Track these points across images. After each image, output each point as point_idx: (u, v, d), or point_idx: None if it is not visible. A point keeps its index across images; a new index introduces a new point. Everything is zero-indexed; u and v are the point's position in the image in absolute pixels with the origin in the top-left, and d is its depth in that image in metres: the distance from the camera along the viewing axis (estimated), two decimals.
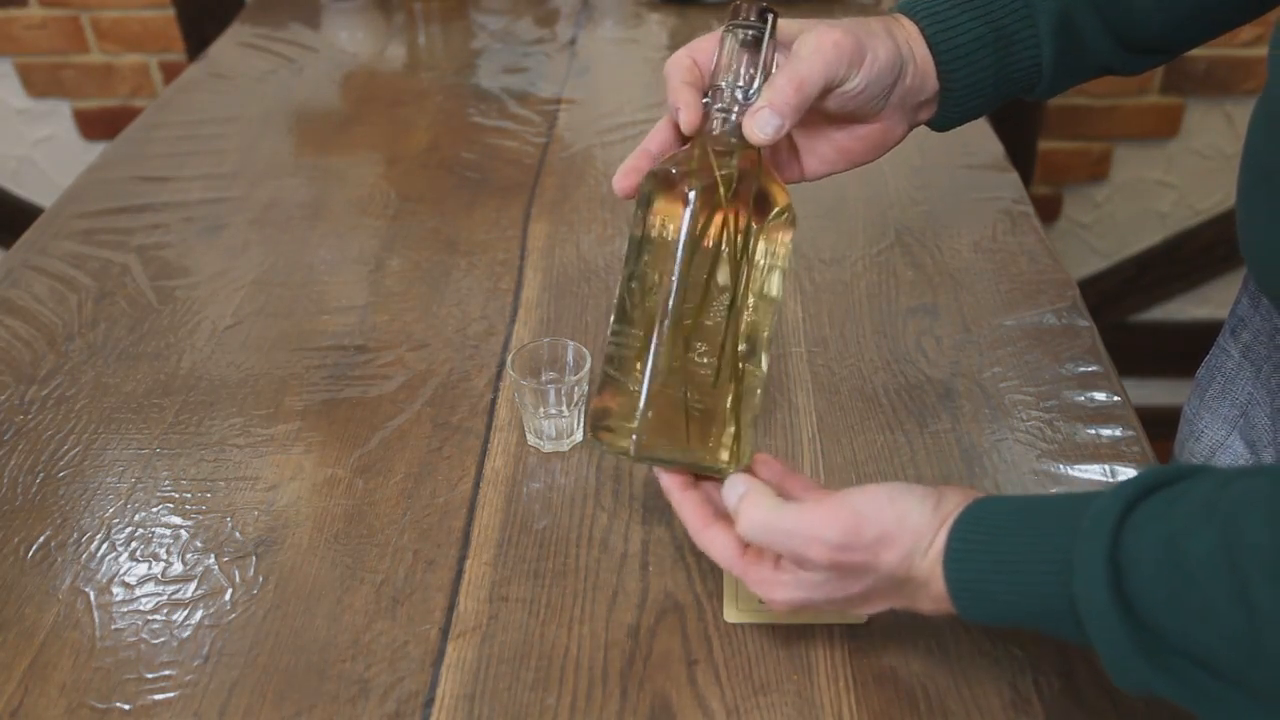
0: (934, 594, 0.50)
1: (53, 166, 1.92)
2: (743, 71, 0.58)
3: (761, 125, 0.56)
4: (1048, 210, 1.85)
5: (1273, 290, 0.62)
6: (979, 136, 1.11)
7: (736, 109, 0.58)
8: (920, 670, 0.58)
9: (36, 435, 0.76)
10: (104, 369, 0.82)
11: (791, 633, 0.60)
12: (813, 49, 0.57)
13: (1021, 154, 1.75)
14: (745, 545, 0.55)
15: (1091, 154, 1.80)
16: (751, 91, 0.58)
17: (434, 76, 1.29)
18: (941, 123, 0.66)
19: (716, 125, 0.59)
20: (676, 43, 1.34)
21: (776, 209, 0.58)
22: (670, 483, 0.58)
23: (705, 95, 0.59)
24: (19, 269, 0.94)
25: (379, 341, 0.84)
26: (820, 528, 0.50)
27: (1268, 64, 0.58)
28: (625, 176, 0.61)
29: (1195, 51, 1.72)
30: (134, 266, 0.94)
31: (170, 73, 1.80)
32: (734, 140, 0.58)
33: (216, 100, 1.24)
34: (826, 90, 0.58)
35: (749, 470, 0.58)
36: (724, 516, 0.56)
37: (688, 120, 0.59)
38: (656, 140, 0.62)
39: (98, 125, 1.88)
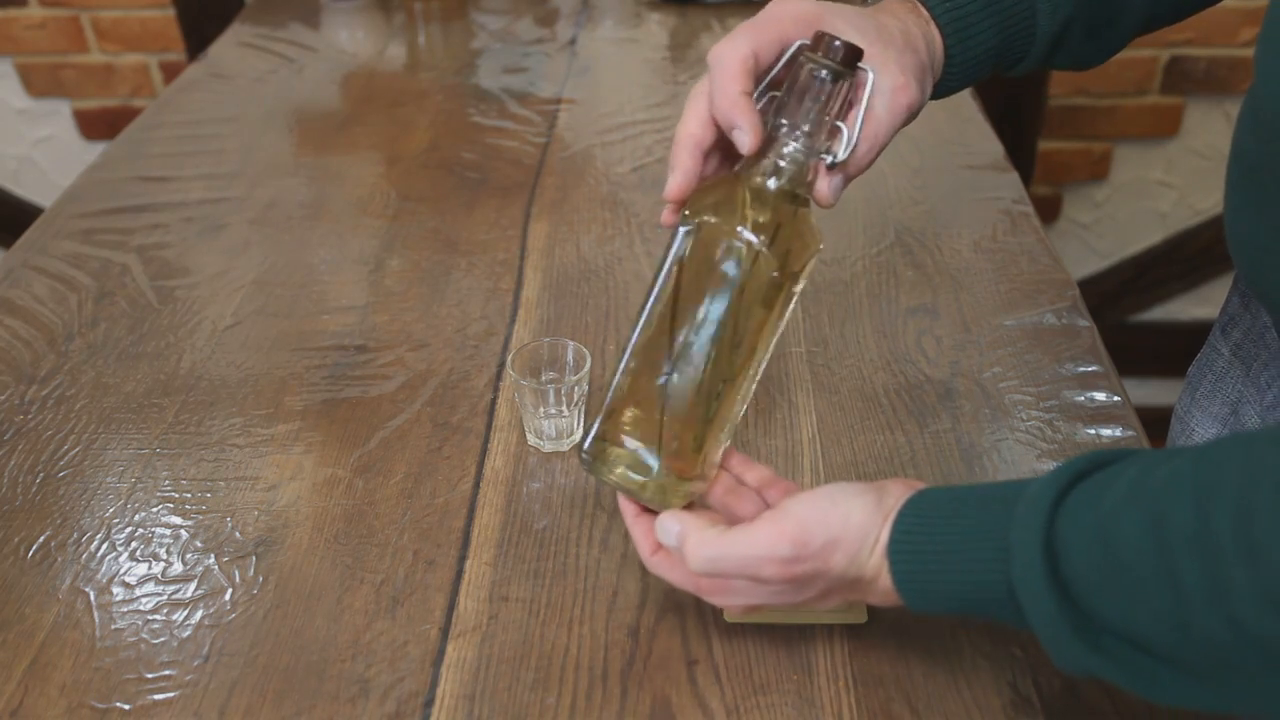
0: (883, 588, 0.51)
1: (53, 166, 1.92)
2: (810, 114, 0.54)
3: (835, 190, 0.58)
4: (1048, 210, 1.85)
5: (1259, 286, 0.63)
6: (979, 136, 1.11)
7: (789, 152, 0.55)
8: (920, 670, 0.58)
9: (36, 435, 0.76)
10: (104, 369, 0.82)
11: (791, 633, 0.60)
12: (888, 108, 0.56)
13: (1021, 154, 1.75)
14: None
15: (1091, 154, 1.80)
16: (811, 137, 0.54)
17: (434, 76, 1.29)
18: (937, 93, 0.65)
19: (769, 167, 0.55)
20: (676, 43, 1.35)
21: (809, 252, 0.57)
22: (626, 507, 0.58)
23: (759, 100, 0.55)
24: (19, 269, 0.94)
25: (379, 341, 0.84)
26: (769, 546, 0.51)
27: (1254, 62, 0.59)
28: (673, 213, 0.58)
29: (1195, 51, 1.73)
30: (134, 266, 0.94)
31: (170, 73, 1.80)
32: (780, 183, 0.55)
33: (216, 100, 1.24)
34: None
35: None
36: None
37: (750, 142, 0.55)
38: (693, 155, 0.57)
39: (98, 125, 1.88)
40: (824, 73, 0.54)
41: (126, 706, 0.57)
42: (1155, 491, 0.42)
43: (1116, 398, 0.76)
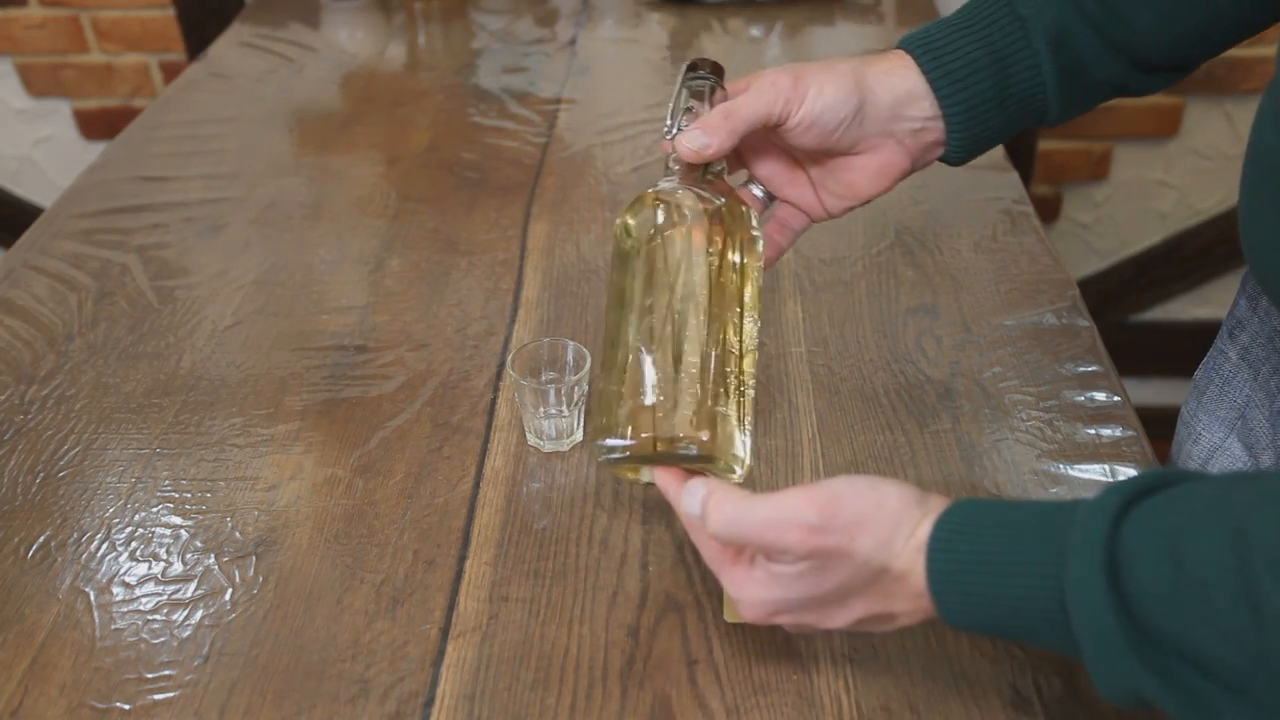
0: (913, 589, 0.48)
1: (53, 166, 1.92)
2: (692, 110, 0.65)
3: (689, 140, 0.62)
4: (1048, 210, 1.85)
5: (1275, 289, 0.62)
6: None
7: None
8: (920, 670, 0.58)
9: (36, 435, 0.76)
10: (104, 369, 0.82)
11: (792, 633, 0.60)
12: (752, 87, 0.63)
13: (1021, 154, 1.74)
14: (727, 549, 0.53)
15: (1091, 154, 1.80)
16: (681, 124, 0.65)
17: (434, 76, 1.29)
18: (953, 154, 0.66)
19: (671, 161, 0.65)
20: (677, 43, 1.35)
21: (741, 214, 0.63)
22: (666, 479, 0.56)
23: (670, 128, 0.65)
24: (19, 269, 0.94)
25: (379, 341, 0.84)
26: (796, 510, 0.49)
27: (1277, 58, 0.58)
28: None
29: None
30: (134, 266, 0.94)
31: (170, 73, 1.80)
32: (713, 169, 0.65)
33: (216, 100, 1.24)
34: (771, 124, 0.62)
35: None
36: None
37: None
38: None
39: (98, 125, 1.88)
40: (692, 84, 0.66)
41: (126, 706, 0.57)
42: (1239, 507, 0.40)
43: (1116, 398, 0.76)
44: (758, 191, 0.69)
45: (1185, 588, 0.40)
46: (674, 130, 0.64)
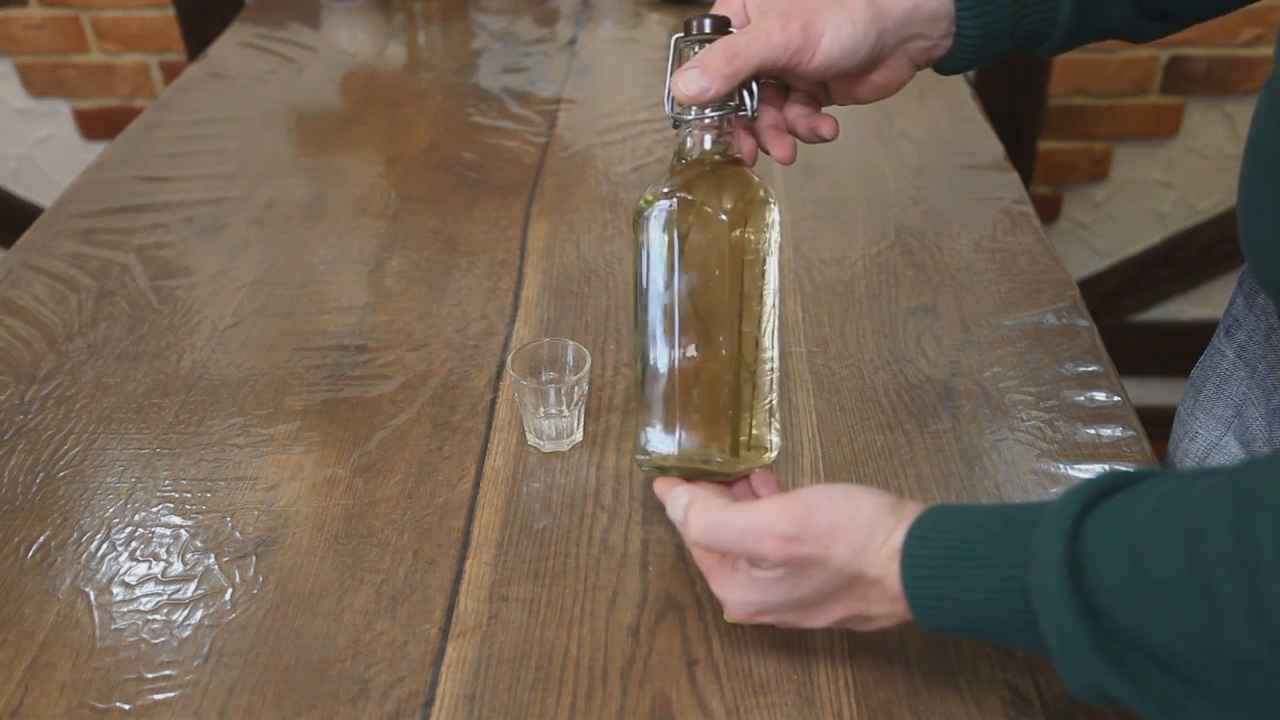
0: (889, 593, 0.50)
1: (53, 166, 1.92)
2: None
3: (686, 83, 0.58)
4: (1048, 210, 1.85)
5: (1273, 284, 0.62)
6: (979, 136, 1.11)
7: (695, 116, 0.61)
8: (920, 670, 0.58)
9: (36, 435, 0.76)
10: (104, 369, 0.82)
11: (791, 633, 0.60)
12: (756, 27, 0.58)
13: (1021, 154, 1.75)
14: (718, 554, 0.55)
15: (1091, 154, 1.80)
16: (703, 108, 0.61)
17: (434, 76, 1.29)
18: (948, 67, 0.64)
19: (690, 142, 0.62)
20: None
21: (755, 201, 0.62)
22: (662, 486, 0.59)
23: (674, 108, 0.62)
24: (19, 269, 0.94)
25: (379, 341, 0.84)
26: (771, 520, 0.50)
27: (1276, 54, 0.58)
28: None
29: (1195, 51, 1.73)
30: (134, 266, 0.94)
31: (170, 73, 1.80)
32: (705, 150, 0.62)
33: (216, 100, 1.24)
34: (776, 70, 0.59)
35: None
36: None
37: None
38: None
39: (98, 125, 1.88)
40: (696, 47, 0.60)
41: (126, 706, 0.57)
42: (1192, 505, 0.40)
43: (1116, 398, 0.76)
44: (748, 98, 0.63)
45: (1143, 584, 0.41)
46: (671, 111, 0.61)
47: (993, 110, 1.25)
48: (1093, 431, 0.73)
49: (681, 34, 0.61)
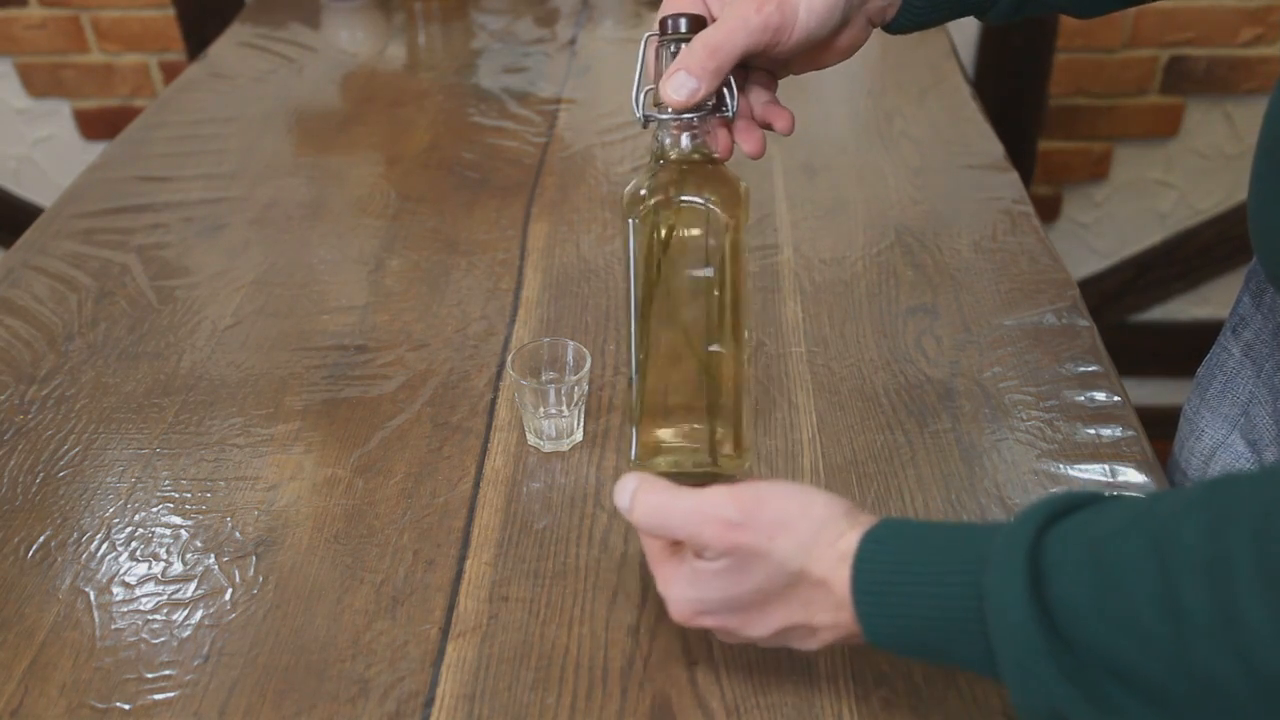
0: (833, 598, 0.47)
1: (53, 166, 1.92)
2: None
3: (676, 87, 0.57)
4: (1048, 210, 1.85)
5: None
6: (979, 137, 1.11)
7: (669, 117, 0.60)
8: (920, 670, 0.58)
9: (36, 435, 0.76)
10: (104, 369, 0.82)
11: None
12: (731, 16, 0.57)
13: (1021, 154, 1.75)
14: (665, 549, 0.53)
15: (1091, 154, 1.80)
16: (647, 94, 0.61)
17: (434, 76, 1.29)
18: (897, 27, 0.64)
19: (668, 142, 0.61)
20: None
21: (737, 196, 0.61)
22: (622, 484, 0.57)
23: (644, 108, 0.61)
24: (19, 269, 0.94)
25: (379, 341, 0.84)
26: (716, 506, 0.49)
27: None
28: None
29: (1195, 51, 1.73)
30: (134, 266, 0.94)
31: (170, 73, 1.80)
32: (683, 150, 0.61)
33: (216, 100, 1.24)
34: (755, 54, 0.59)
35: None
36: None
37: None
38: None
39: (98, 125, 1.88)
40: (673, 48, 0.59)
41: (126, 706, 0.57)
42: (1163, 515, 0.39)
43: (1116, 398, 0.76)
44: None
45: (1107, 595, 0.39)
46: (641, 112, 0.60)
47: (993, 110, 1.25)
48: (1093, 431, 0.73)
49: (656, 33, 0.60)
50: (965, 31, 1.70)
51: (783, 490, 0.49)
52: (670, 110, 0.59)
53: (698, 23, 0.59)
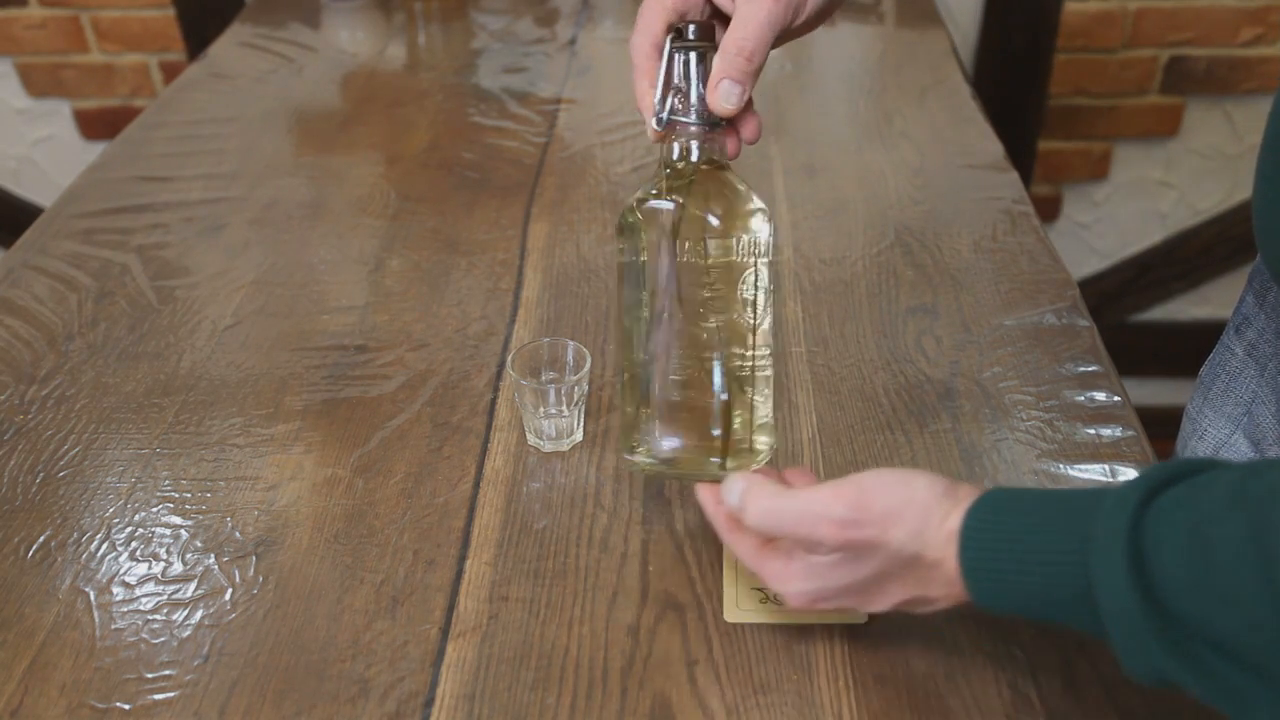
0: (946, 576, 0.50)
1: (53, 166, 1.92)
2: (683, 87, 0.60)
3: (725, 96, 0.59)
4: (1048, 210, 1.85)
5: None
6: (979, 136, 1.11)
7: (692, 125, 0.61)
8: (920, 670, 0.58)
9: (36, 435, 0.76)
10: (104, 369, 0.82)
11: (791, 633, 0.60)
12: (750, 14, 0.58)
13: (1021, 154, 1.75)
14: (765, 541, 0.55)
15: (1091, 154, 1.80)
16: (700, 115, 0.61)
17: (434, 76, 1.29)
18: None
19: (676, 149, 0.62)
20: None
21: (744, 206, 0.62)
22: (705, 494, 0.59)
23: (659, 111, 0.61)
24: (19, 269, 0.94)
25: (379, 341, 0.84)
26: (827, 506, 0.51)
27: None
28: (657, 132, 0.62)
29: (1195, 51, 1.73)
30: (134, 266, 0.94)
31: (170, 73, 1.80)
32: (692, 160, 0.62)
33: (216, 100, 1.24)
34: (777, 39, 0.60)
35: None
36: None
37: (651, 136, 0.62)
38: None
39: (98, 125, 1.88)
40: (689, 54, 0.59)
41: (126, 706, 0.57)
42: (1260, 497, 0.40)
43: (1116, 398, 0.76)
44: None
45: (1208, 574, 0.41)
46: (665, 117, 0.60)
47: (993, 110, 1.25)
48: (1093, 431, 0.73)
49: (675, 42, 0.60)
50: (965, 31, 1.70)
51: (884, 480, 0.51)
52: (709, 118, 0.60)
53: (708, 28, 0.60)
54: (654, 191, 0.62)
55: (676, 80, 0.60)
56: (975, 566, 0.48)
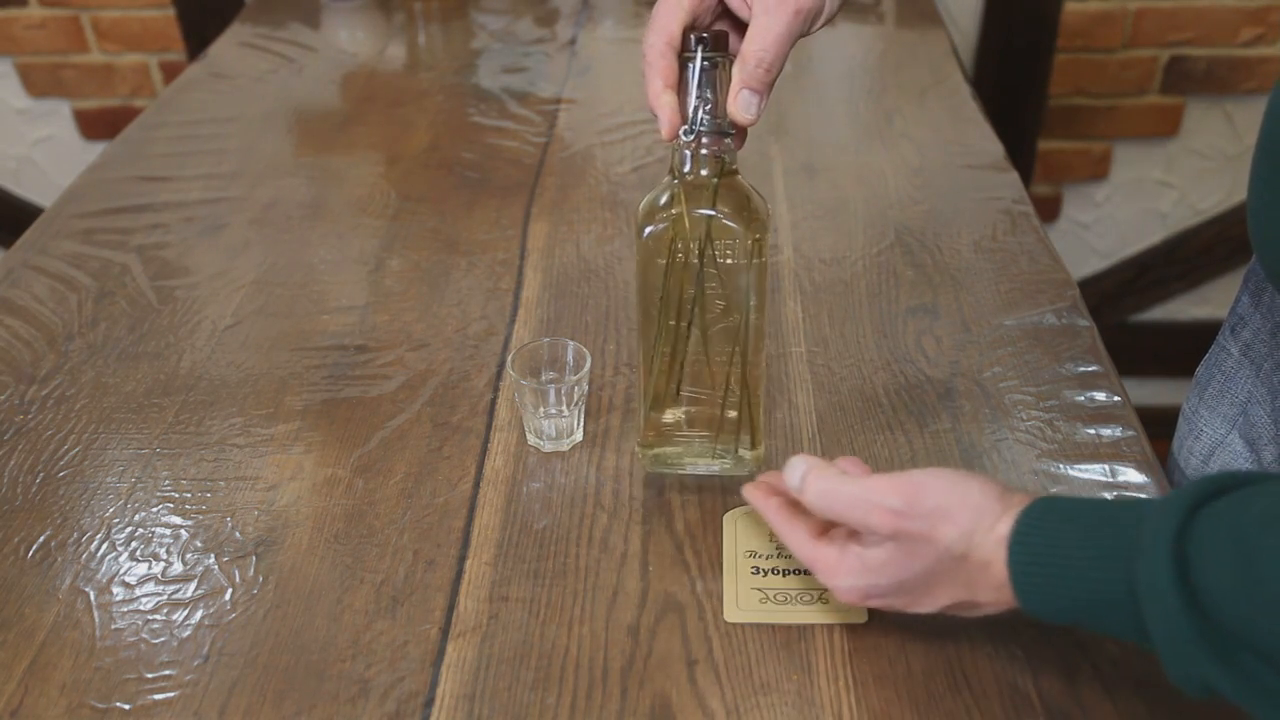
0: (995, 579, 0.50)
1: (53, 166, 1.92)
2: (710, 97, 0.60)
3: (745, 107, 0.59)
4: (1048, 210, 1.85)
5: None
6: (979, 136, 1.11)
7: (707, 137, 0.60)
8: (920, 670, 0.58)
9: (36, 435, 0.76)
10: (104, 369, 0.82)
11: (791, 633, 0.60)
12: (766, 26, 0.58)
13: (1021, 154, 1.74)
14: (819, 534, 0.57)
15: (1091, 154, 1.80)
16: (719, 122, 0.60)
17: (434, 76, 1.29)
18: None
19: (690, 165, 0.61)
20: None
21: (754, 206, 0.63)
22: (754, 493, 0.60)
23: (692, 124, 0.60)
24: (19, 269, 0.94)
25: (379, 341, 0.84)
26: (883, 494, 0.52)
27: None
28: (670, 127, 0.61)
29: (1195, 51, 1.73)
30: (134, 266, 0.94)
31: (170, 73, 1.80)
32: (705, 173, 0.61)
33: (216, 100, 1.24)
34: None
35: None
36: (801, 513, 0.58)
37: (668, 129, 0.61)
38: (665, 82, 0.62)
39: (98, 125, 1.88)
40: (704, 64, 0.59)
41: (126, 706, 0.57)
42: None
43: (1116, 398, 0.76)
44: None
45: (1252, 583, 0.41)
46: (700, 126, 0.60)
47: (993, 110, 1.25)
48: (1093, 431, 0.73)
49: (694, 51, 0.59)
50: (965, 31, 1.70)
51: (939, 478, 0.52)
52: (727, 127, 0.60)
53: (721, 36, 0.60)
54: (668, 198, 0.62)
55: (705, 91, 0.60)
56: (1023, 572, 0.49)
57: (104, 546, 0.67)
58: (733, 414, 0.67)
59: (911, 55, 1.30)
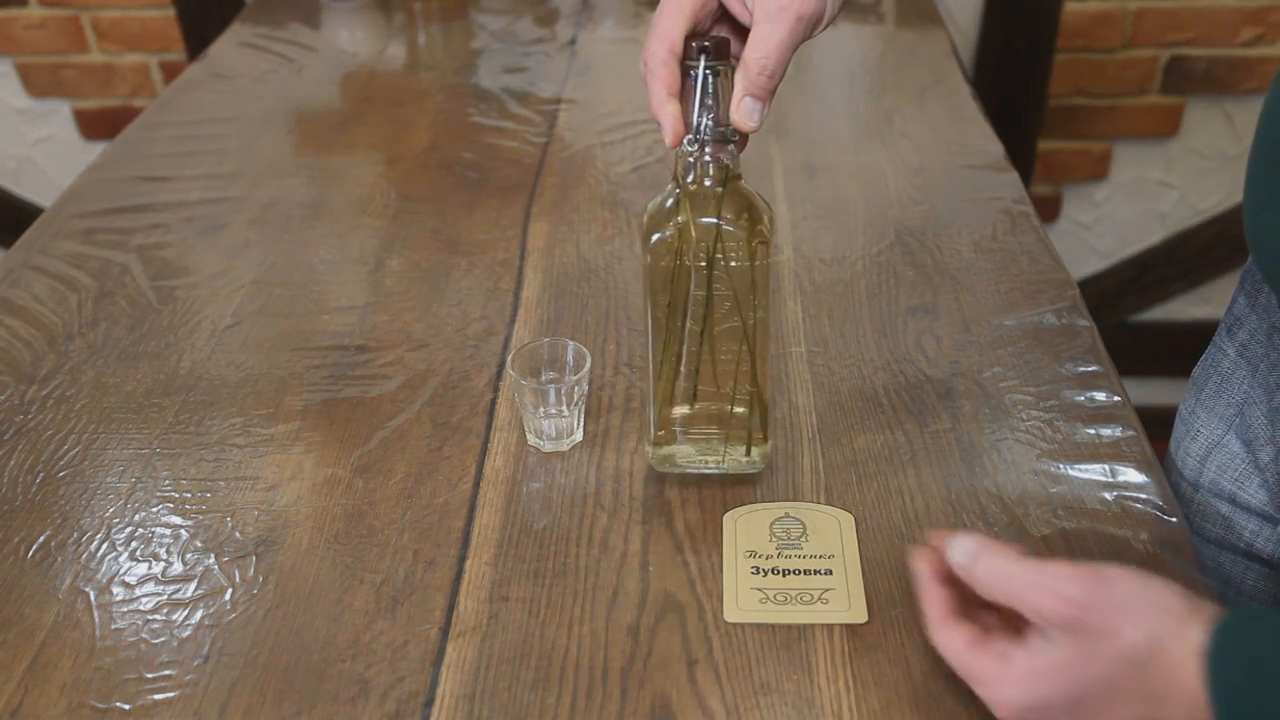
0: (1187, 693, 0.45)
1: (53, 166, 1.92)
2: (713, 105, 0.60)
3: (748, 114, 0.59)
4: (1048, 210, 1.85)
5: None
6: (979, 136, 1.11)
7: (710, 144, 0.60)
8: (920, 670, 0.58)
9: (36, 435, 0.76)
10: (104, 369, 0.82)
11: (791, 633, 0.60)
12: (768, 34, 0.58)
13: (1021, 154, 1.74)
14: (974, 642, 0.51)
15: (1091, 154, 1.80)
16: (722, 131, 0.60)
17: (434, 76, 1.29)
18: None
19: (694, 172, 0.61)
20: None
21: (760, 210, 0.63)
22: (923, 570, 0.55)
23: (697, 132, 0.60)
24: (19, 269, 0.94)
25: (379, 341, 0.84)
26: (1061, 582, 0.48)
27: None
28: (674, 135, 0.61)
29: (1195, 51, 1.73)
30: (134, 266, 0.94)
31: (170, 73, 1.80)
32: (709, 181, 0.62)
33: (216, 100, 1.24)
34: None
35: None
36: (962, 613, 0.53)
37: (669, 142, 0.60)
38: (668, 91, 0.61)
39: (98, 125, 1.88)
40: (707, 73, 0.59)
41: (126, 706, 0.57)
42: None
43: (1116, 398, 0.76)
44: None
45: None
46: (705, 134, 0.60)
47: (993, 110, 1.25)
48: (1093, 431, 0.73)
49: (697, 60, 0.59)
50: (965, 31, 1.70)
51: (1125, 573, 0.48)
52: (730, 133, 0.60)
53: (723, 43, 0.59)
54: (672, 204, 0.62)
55: (708, 99, 0.60)
56: (1224, 684, 0.44)
57: (104, 546, 0.67)
58: (740, 410, 0.67)
59: (911, 55, 1.30)
